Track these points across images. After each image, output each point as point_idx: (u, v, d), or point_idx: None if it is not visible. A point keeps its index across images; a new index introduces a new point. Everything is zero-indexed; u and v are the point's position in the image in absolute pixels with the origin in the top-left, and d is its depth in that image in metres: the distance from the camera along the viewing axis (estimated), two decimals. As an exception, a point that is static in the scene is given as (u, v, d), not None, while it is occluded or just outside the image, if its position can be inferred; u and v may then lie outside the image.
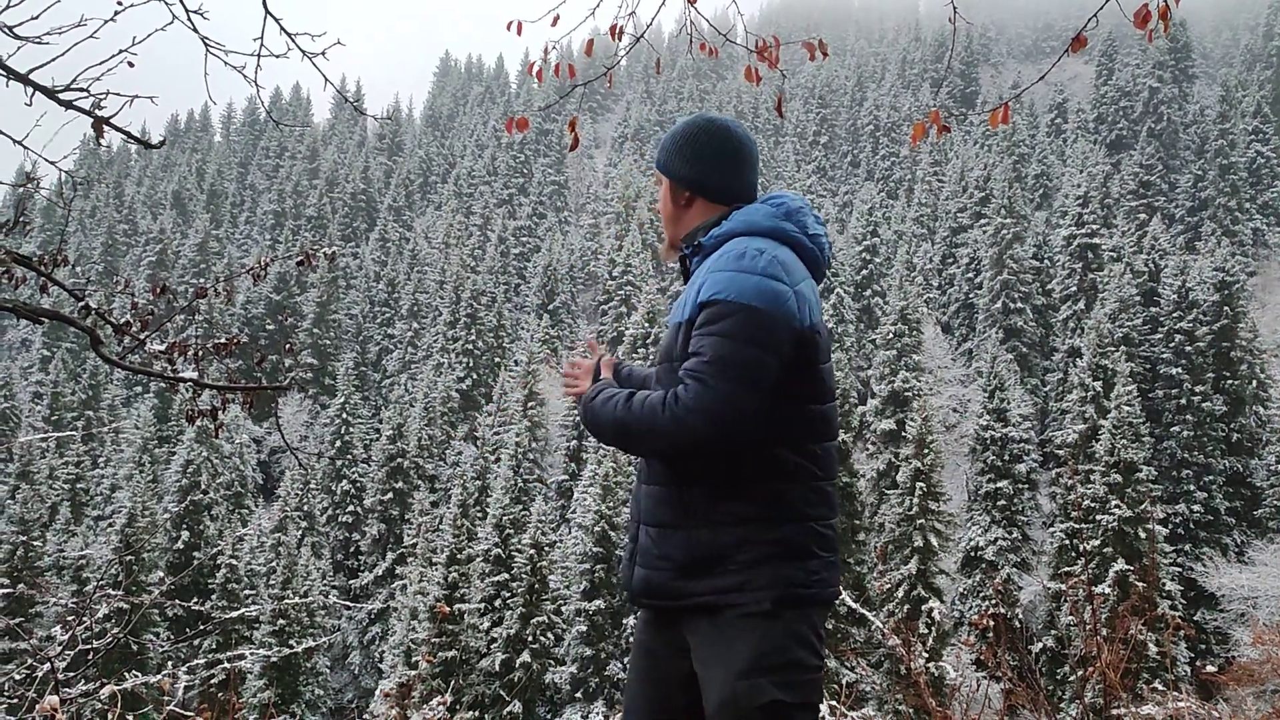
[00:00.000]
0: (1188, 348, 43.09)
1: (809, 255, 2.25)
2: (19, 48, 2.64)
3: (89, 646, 4.61)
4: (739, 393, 2.03)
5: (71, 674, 4.42)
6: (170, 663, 4.86)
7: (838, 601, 2.29)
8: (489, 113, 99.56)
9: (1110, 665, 2.95)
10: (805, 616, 2.09)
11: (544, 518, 34.99)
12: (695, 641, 2.13)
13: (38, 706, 3.34)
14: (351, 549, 46.70)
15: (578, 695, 32.45)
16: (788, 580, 2.07)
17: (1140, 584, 26.10)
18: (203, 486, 43.16)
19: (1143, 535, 31.27)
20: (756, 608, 2.04)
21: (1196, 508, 38.69)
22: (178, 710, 4.40)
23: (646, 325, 53.25)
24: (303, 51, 2.91)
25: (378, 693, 31.42)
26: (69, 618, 4.82)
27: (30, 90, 2.48)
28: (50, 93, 2.49)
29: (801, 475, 2.14)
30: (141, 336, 2.79)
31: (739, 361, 2.03)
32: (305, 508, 46.01)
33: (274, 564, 38.31)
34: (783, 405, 2.13)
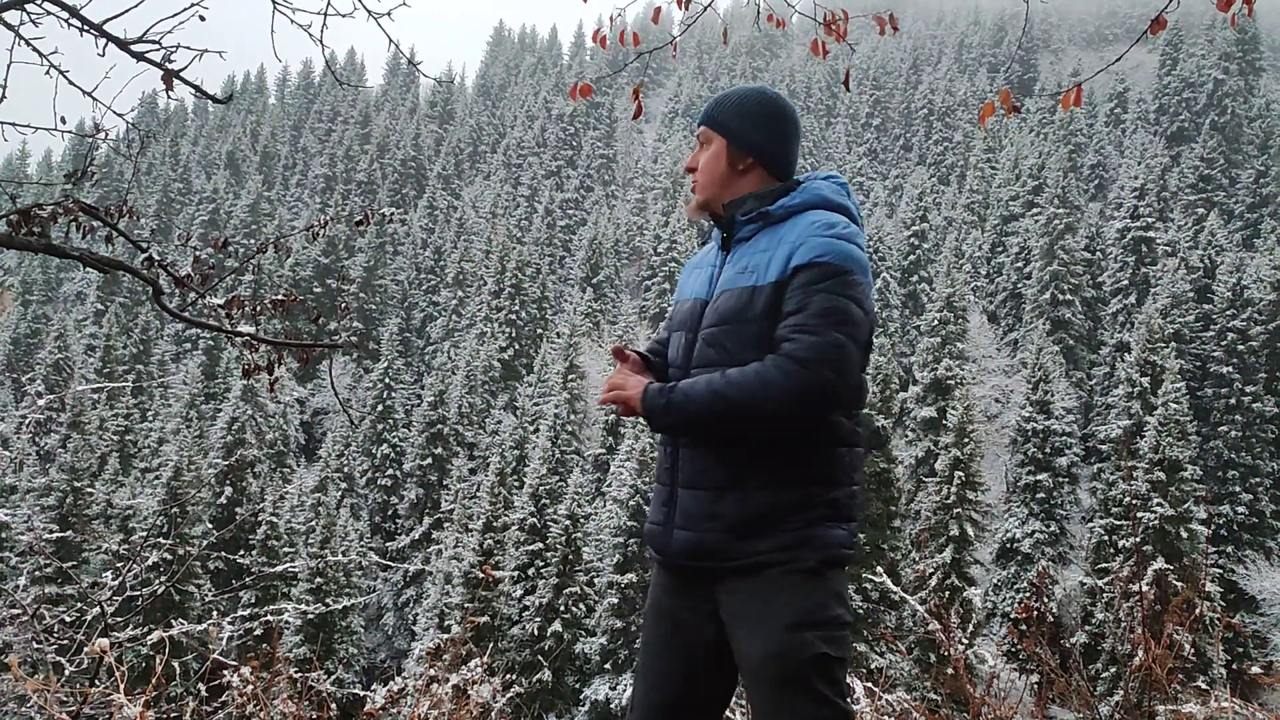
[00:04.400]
0: (1240, 346, 42.24)
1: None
2: (91, -1, 2.65)
3: (136, 593, 4.70)
4: (849, 342, 2.05)
5: (119, 619, 4.51)
6: (214, 614, 4.96)
7: (870, 586, 2.34)
8: (540, 84, 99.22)
9: (1157, 661, 2.92)
10: (840, 576, 2.15)
11: (580, 490, 35.17)
12: (731, 600, 2.13)
13: (86, 648, 3.41)
14: (389, 512, 47.28)
15: (607, 666, 32.72)
16: (836, 541, 2.12)
17: (1179, 583, 25.75)
18: (247, 444, 43.86)
19: (1184, 535, 30.83)
20: (803, 565, 2.07)
21: (1241, 509, 38.04)
22: (220, 659, 4.47)
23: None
24: (369, 11, 2.91)
25: (415, 652, 31.87)
26: (118, 564, 4.93)
27: (103, 41, 2.49)
28: (123, 44, 2.50)
29: (853, 440, 2.18)
30: (202, 290, 2.83)
31: (847, 315, 2.06)
32: (346, 470, 46.64)
33: (313, 523, 38.86)
34: None
